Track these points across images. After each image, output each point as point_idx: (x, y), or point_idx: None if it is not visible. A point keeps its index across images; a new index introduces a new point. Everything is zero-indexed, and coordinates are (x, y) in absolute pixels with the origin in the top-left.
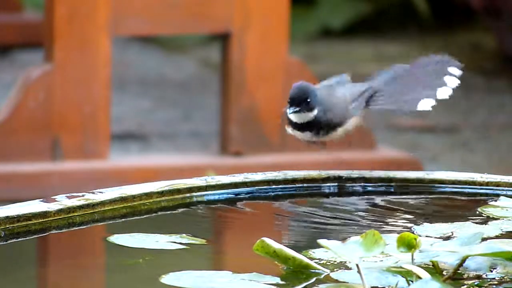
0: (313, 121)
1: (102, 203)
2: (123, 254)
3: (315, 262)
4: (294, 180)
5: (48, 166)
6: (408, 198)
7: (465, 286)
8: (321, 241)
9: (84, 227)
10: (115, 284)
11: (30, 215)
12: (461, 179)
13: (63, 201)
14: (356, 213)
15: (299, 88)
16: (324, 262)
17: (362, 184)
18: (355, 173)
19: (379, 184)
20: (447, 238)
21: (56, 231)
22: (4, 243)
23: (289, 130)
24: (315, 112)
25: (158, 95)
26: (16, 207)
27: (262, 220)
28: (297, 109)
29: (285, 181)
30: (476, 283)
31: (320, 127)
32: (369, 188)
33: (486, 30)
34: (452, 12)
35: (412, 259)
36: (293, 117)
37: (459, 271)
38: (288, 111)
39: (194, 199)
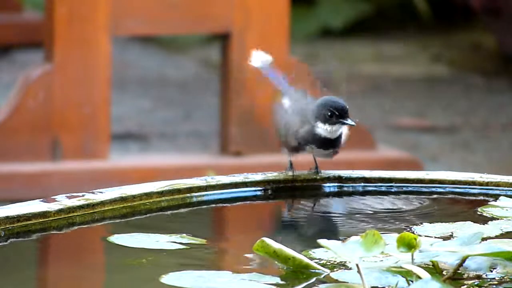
0: (340, 136)
1: (102, 203)
2: (123, 254)
3: (315, 262)
4: (294, 180)
5: (48, 166)
6: (408, 198)
7: (465, 286)
8: (321, 241)
9: (84, 227)
10: (115, 284)
11: (30, 215)
12: (461, 179)
13: (63, 201)
14: (356, 213)
15: (338, 99)
16: (324, 262)
17: (362, 184)
18: (355, 173)
19: (379, 184)
20: (447, 238)
21: (56, 231)
22: (4, 243)
23: (309, 148)
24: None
25: (158, 95)
26: (16, 207)
27: (262, 220)
28: (350, 120)
29: (285, 181)
30: (476, 283)
31: (339, 143)
32: (369, 188)
33: (486, 30)
34: (452, 12)
35: (412, 259)
36: (335, 130)
37: (459, 271)
38: (346, 122)
39: (194, 199)
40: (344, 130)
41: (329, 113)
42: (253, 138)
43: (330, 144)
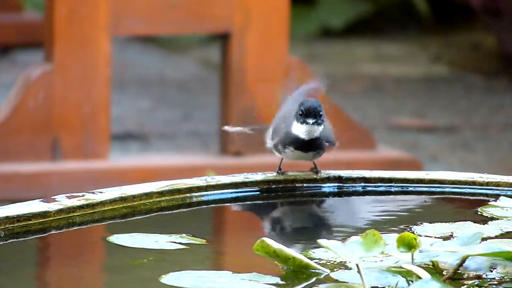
0: (317, 139)
1: (102, 203)
2: (123, 254)
3: (315, 262)
4: (294, 180)
5: (48, 166)
6: (408, 198)
7: (465, 286)
8: (321, 241)
9: (84, 227)
10: (115, 284)
11: (30, 215)
12: (461, 179)
13: (63, 201)
14: (356, 213)
15: (313, 100)
16: (324, 262)
17: (362, 184)
18: (355, 173)
19: (379, 184)
20: (447, 238)
21: (56, 231)
22: (4, 243)
23: (288, 151)
24: (321, 128)
25: (158, 95)
26: (16, 207)
27: (262, 220)
28: (314, 120)
29: (285, 181)
30: (476, 283)
31: (322, 147)
32: (369, 188)
33: (486, 30)
34: (452, 12)
35: (412, 259)
36: (306, 130)
37: (459, 271)
38: (307, 121)
39: (194, 199)
40: (319, 129)
41: (299, 113)
42: (253, 138)
43: (308, 146)
